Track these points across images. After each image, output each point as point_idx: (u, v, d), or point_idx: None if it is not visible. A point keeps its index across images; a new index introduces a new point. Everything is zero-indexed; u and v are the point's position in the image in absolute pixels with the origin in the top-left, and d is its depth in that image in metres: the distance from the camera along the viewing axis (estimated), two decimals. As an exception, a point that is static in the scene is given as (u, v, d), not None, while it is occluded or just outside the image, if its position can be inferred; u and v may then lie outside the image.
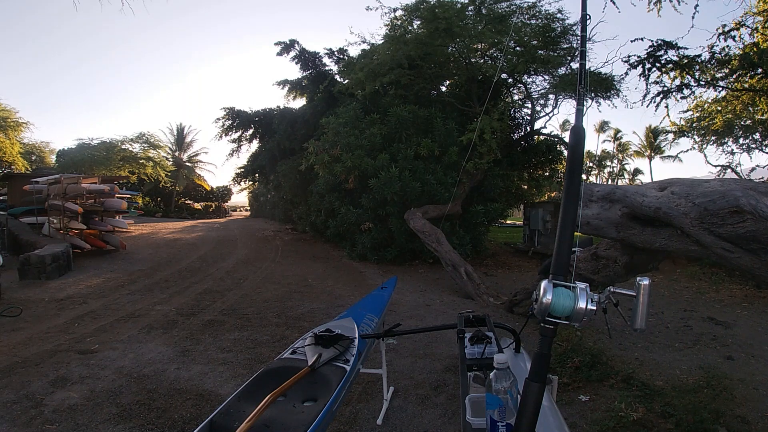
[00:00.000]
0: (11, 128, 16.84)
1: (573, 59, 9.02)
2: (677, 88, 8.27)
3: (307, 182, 11.50)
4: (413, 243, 8.42)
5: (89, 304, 5.38)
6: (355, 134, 8.79)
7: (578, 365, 3.20)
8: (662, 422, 2.46)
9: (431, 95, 10.69)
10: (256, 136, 15.13)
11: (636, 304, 1.04)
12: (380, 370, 2.70)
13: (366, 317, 2.55)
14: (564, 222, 1.10)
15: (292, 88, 13.83)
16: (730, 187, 3.11)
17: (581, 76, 1.35)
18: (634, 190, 3.79)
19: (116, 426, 2.49)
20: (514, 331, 1.83)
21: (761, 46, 7.64)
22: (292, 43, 12.59)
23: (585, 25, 1.53)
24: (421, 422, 2.56)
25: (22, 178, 13.24)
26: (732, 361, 3.61)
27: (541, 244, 10.41)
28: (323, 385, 1.66)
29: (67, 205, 9.13)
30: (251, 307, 5.32)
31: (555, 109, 11.01)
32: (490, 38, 8.41)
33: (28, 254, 6.89)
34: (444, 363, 3.44)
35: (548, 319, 1.00)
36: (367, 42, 10.52)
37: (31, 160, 20.99)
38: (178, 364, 3.43)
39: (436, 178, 8.44)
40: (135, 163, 19.27)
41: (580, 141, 1.23)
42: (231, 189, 34.02)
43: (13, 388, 2.94)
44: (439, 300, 5.89)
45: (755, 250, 2.93)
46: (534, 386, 0.97)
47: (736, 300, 5.99)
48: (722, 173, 11.55)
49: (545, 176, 12.35)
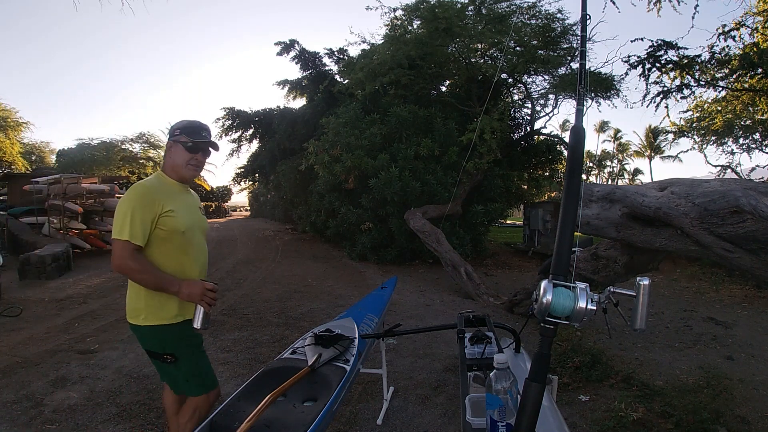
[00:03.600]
0: (11, 128, 16.85)
1: (573, 59, 9.02)
2: (677, 88, 8.27)
3: (307, 182, 11.50)
4: (413, 243, 8.42)
5: (89, 304, 5.38)
6: (355, 134, 8.79)
7: (578, 365, 3.20)
8: (662, 422, 2.46)
9: (431, 95, 10.69)
10: (256, 136, 15.13)
11: (636, 304, 1.04)
12: (380, 370, 2.70)
13: (366, 317, 2.55)
14: (564, 222, 1.10)
15: (292, 88, 13.83)
16: (730, 187, 3.11)
17: (581, 76, 1.35)
18: (634, 190, 3.79)
19: (116, 426, 2.49)
20: (514, 331, 1.83)
21: (761, 46, 7.64)
22: (292, 43, 12.59)
23: (585, 25, 1.53)
24: (421, 422, 2.56)
25: (22, 178, 13.25)
26: (732, 361, 3.61)
27: (541, 244, 10.40)
28: (323, 385, 1.66)
29: (67, 205, 9.14)
30: (251, 307, 5.32)
31: (555, 109, 11.03)
32: (490, 38, 8.41)
33: (28, 254, 6.89)
34: (444, 363, 3.44)
35: (548, 319, 1.00)
36: (367, 42, 10.53)
37: (31, 160, 21.03)
38: (178, 364, 3.43)
39: (436, 178, 8.44)
40: (135, 163, 19.30)
41: (580, 141, 1.23)
42: (231, 189, 34.01)
43: (13, 388, 2.94)
44: (439, 300, 5.89)
45: (755, 250, 2.93)
46: (534, 386, 0.97)
47: (736, 300, 5.99)
48: (722, 173, 11.57)
49: (545, 176, 12.35)
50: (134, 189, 1.69)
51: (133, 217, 1.61)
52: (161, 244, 1.68)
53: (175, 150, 1.77)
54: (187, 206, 1.80)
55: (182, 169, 1.78)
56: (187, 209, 1.78)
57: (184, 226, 1.72)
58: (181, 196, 1.79)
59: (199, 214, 1.88)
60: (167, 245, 1.70)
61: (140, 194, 1.66)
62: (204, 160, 1.84)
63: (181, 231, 1.71)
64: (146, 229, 1.63)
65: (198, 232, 1.83)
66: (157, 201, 1.66)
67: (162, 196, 1.69)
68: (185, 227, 1.72)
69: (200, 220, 1.88)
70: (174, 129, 1.80)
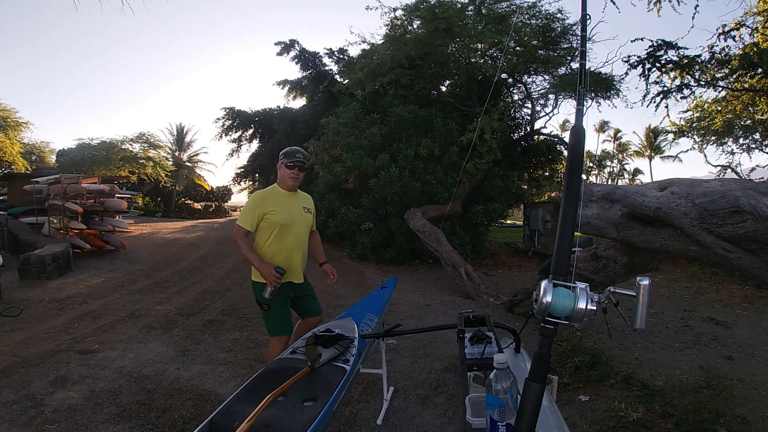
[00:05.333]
0: (11, 128, 16.82)
1: (573, 59, 9.01)
2: (677, 88, 8.27)
3: (307, 182, 11.50)
4: (413, 243, 8.41)
5: (89, 304, 5.38)
6: (355, 134, 8.79)
7: (578, 365, 3.20)
8: (662, 422, 2.46)
9: (431, 95, 10.68)
10: (256, 136, 15.15)
11: (636, 304, 1.04)
12: (380, 370, 2.70)
13: (366, 317, 2.55)
14: (564, 222, 1.10)
15: (292, 88, 13.85)
16: (730, 187, 3.11)
17: (581, 76, 1.35)
18: (634, 190, 3.79)
19: (116, 426, 2.49)
20: (514, 331, 1.83)
21: (761, 46, 7.64)
22: (292, 43, 12.60)
23: (585, 25, 1.53)
24: (421, 422, 2.56)
25: (22, 178, 13.23)
26: (732, 361, 3.61)
27: (541, 244, 10.40)
28: (323, 385, 1.66)
29: (67, 205, 9.12)
30: (251, 307, 5.31)
31: (555, 109, 11.02)
32: (490, 38, 8.41)
33: (28, 254, 6.89)
34: (444, 363, 3.44)
35: (548, 319, 1.00)
36: (367, 42, 10.52)
37: (31, 160, 21.01)
38: (178, 364, 3.43)
39: (436, 178, 8.43)
40: (135, 163, 19.23)
41: (580, 141, 1.24)
42: (231, 189, 33.99)
43: (13, 388, 2.94)
44: (439, 300, 5.88)
45: (755, 250, 2.93)
46: (534, 386, 0.97)
47: (736, 300, 5.99)
48: (722, 173, 11.55)
49: (545, 176, 12.36)
50: (254, 194, 2.65)
51: (248, 211, 2.52)
52: (264, 231, 2.53)
53: (280, 169, 2.60)
54: (289, 207, 2.57)
55: (286, 181, 2.59)
56: (288, 210, 2.56)
57: (281, 221, 2.51)
58: (284, 200, 2.58)
59: (301, 213, 2.63)
60: (268, 233, 2.53)
61: (255, 197, 2.59)
62: (300, 173, 2.61)
63: (278, 224, 2.51)
64: (254, 221, 2.50)
65: (296, 226, 2.59)
66: (264, 203, 2.52)
67: (269, 200, 2.54)
68: (282, 222, 2.51)
69: (301, 217, 2.63)
70: (280, 155, 2.64)
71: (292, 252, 2.58)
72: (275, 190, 2.62)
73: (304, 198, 2.75)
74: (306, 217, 2.68)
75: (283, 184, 2.62)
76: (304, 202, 2.71)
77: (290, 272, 2.54)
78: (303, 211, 2.66)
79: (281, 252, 2.55)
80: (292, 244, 2.57)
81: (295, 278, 2.61)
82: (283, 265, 2.48)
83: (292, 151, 2.59)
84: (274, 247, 2.54)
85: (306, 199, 2.76)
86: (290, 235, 2.56)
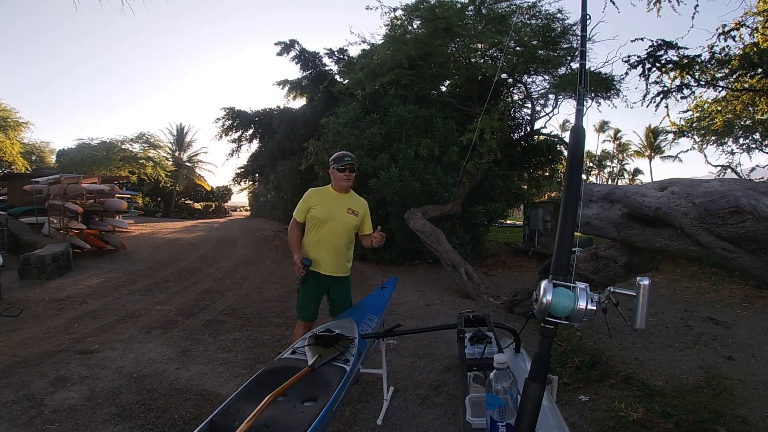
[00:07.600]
0: (11, 128, 16.82)
1: (573, 59, 9.01)
2: (677, 88, 8.27)
3: (307, 182, 11.47)
4: (413, 243, 8.41)
5: (89, 304, 5.38)
6: (355, 134, 8.79)
7: (578, 365, 3.20)
8: (662, 422, 2.46)
9: (431, 95, 10.68)
10: (256, 136, 15.13)
11: (636, 304, 1.04)
12: (380, 370, 2.70)
13: (366, 317, 2.55)
14: (564, 222, 1.10)
15: (292, 88, 13.83)
16: (730, 187, 3.11)
17: (581, 76, 1.35)
18: (634, 190, 3.78)
19: (116, 426, 2.49)
20: (514, 331, 1.83)
21: (761, 46, 7.64)
22: (292, 43, 12.59)
23: (585, 25, 1.53)
24: (421, 422, 2.56)
25: (22, 178, 13.23)
26: (732, 361, 3.61)
27: (541, 244, 10.40)
28: (323, 385, 1.65)
29: (67, 205, 9.12)
30: (251, 307, 5.32)
31: (555, 109, 11.01)
32: (490, 38, 8.41)
33: (28, 254, 6.88)
34: (444, 363, 3.44)
35: (548, 319, 1.01)
36: (367, 42, 10.52)
37: (31, 160, 21.00)
38: (178, 364, 3.43)
39: (436, 178, 8.43)
40: (135, 163, 19.24)
41: (580, 141, 1.24)
42: (231, 189, 34.02)
43: (13, 388, 2.94)
44: (439, 300, 5.88)
45: (755, 250, 2.93)
46: (534, 386, 0.98)
47: (736, 300, 5.99)
48: (722, 173, 11.55)
49: (545, 176, 12.34)
50: (308, 190, 2.94)
51: (300, 204, 2.87)
52: (309, 223, 2.87)
53: (333, 173, 2.88)
54: (331, 205, 2.83)
55: (340, 183, 2.87)
56: (329, 207, 2.82)
57: (320, 216, 2.81)
58: (330, 199, 2.86)
59: (343, 213, 2.85)
60: (310, 225, 2.86)
61: (308, 193, 2.91)
62: (351, 175, 2.87)
63: (317, 218, 2.81)
64: (303, 213, 2.86)
65: (334, 223, 2.82)
66: (312, 199, 2.86)
67: (316, 197, 2.86)
68: (320, 216, 2.81)
69: (342, 216, 2.84)
70: (329, 162, 2.95)
71: (324, 245, 2.82)
72: (326, 189, 2.92)
73: (355, 201, 2.95)
74: (348, 217, 2.86)
75: (336, 186, 2.89)
76: (351, 204, 2.91)
77: (318, 263, 2.79)
78: (346, 212, 2.86)
79: (314, 243, 2.84)
80: (324, 238, 2.82)
81: (323, 270, 2.82)
82: (312, 256, 2.77)
83: (340, 156, 2.85)
84: (311, 238, 2.86)
85: (355, 202, 2.94)
86: (325, 230, 2.82)
